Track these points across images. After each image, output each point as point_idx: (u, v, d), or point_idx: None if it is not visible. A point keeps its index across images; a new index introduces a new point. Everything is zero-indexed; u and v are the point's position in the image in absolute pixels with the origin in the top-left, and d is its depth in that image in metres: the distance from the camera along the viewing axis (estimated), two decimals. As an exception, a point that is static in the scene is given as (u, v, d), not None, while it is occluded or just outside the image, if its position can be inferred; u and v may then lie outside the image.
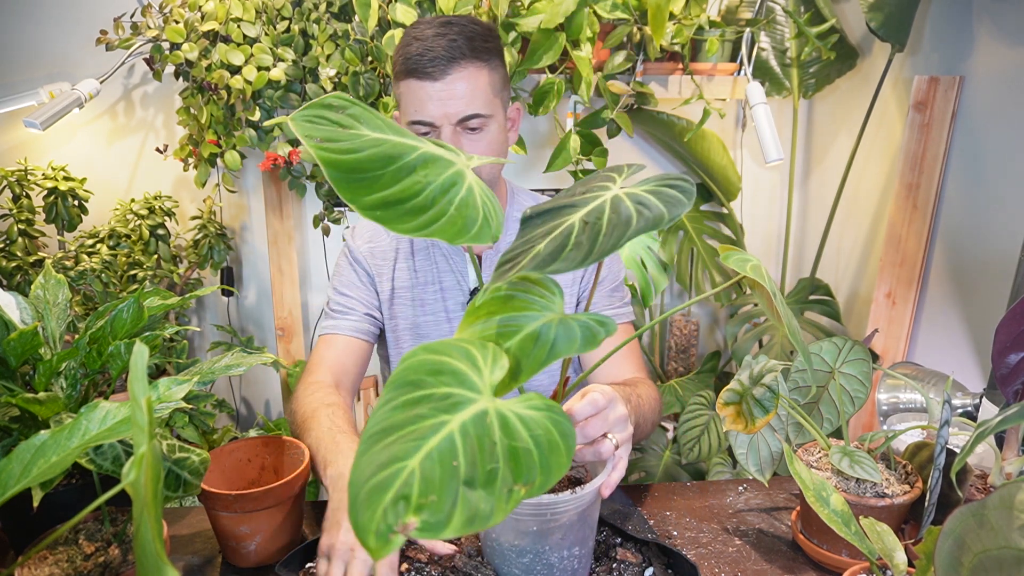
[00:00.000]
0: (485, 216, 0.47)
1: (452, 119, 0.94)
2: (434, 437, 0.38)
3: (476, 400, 0.41)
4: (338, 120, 0.48)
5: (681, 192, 0.49)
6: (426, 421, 0.39)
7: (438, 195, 0.46)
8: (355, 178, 0.45)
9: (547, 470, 0.38)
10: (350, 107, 0.49)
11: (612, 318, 0.48)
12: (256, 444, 0.87)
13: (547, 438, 0.40)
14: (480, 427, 0.39)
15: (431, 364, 0.43)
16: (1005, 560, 0.40)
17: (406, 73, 0.94)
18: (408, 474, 0.36)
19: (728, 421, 0.78)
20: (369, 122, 0.49)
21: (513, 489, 0.37)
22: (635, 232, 0.44)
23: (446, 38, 0.92)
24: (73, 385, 0.76)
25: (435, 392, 0.41)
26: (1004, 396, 0.69)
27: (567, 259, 0.43)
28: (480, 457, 0.38)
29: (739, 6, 1.73)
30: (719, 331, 2.09)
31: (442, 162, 0.49)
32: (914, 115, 1.55)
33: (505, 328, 0.48)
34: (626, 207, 0.47)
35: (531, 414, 0.42)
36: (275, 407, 2.08)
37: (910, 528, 0.82)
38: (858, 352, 0.87)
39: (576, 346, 0.46)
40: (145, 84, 1.81)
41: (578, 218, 0.48)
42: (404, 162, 0.47)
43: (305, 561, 0.78)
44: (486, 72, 0.96)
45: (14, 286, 1.56)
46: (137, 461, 0.38)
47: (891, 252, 1.64)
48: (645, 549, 0.78)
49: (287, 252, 1.84)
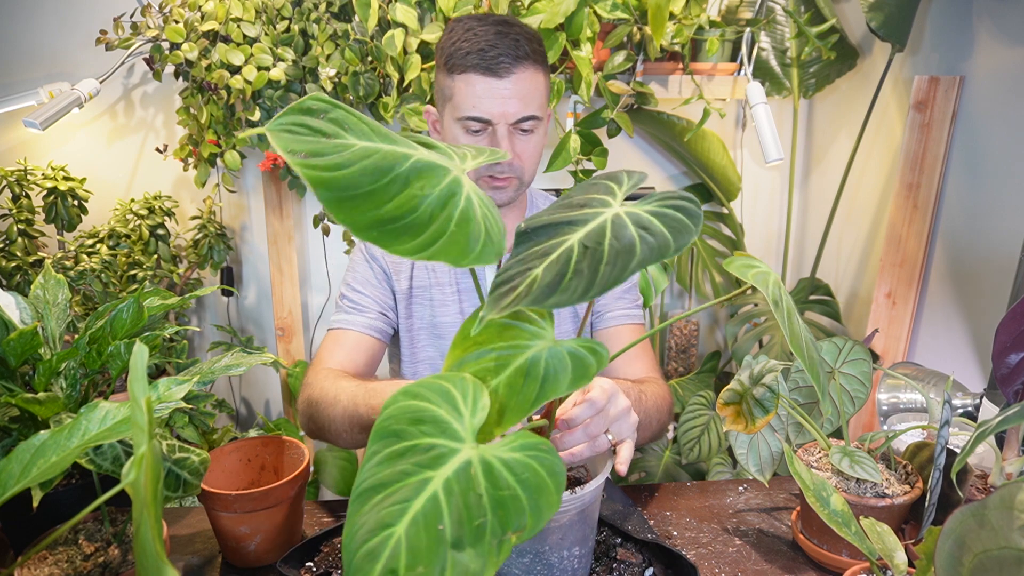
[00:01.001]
0: (487, 232, 0.44)
1: (510, 118, 0.94)
2: (418, 499, 0.38)
3: (458, 450, 0.41)
4: (320, 128, 0.43)
5: (688, 216, 0.45)
6: (410, 479, 0.39)
7: (436, 209, 0.43)
8: (347, 196, 0.41)
9: (537, 512, 0.38)
10: (331, 110, 0.45)
11: (600, 344, 0.48)
12: (256, 444, 0.87)
13: (535, 480, 0.40)
14: (464, 481, 0.39)
15: (412, 411, 0.42)
16: (1005, 560, 0.40)
17: (466, 67, 0.93)
18: (395, 543, 0.36)
19: (728, 421, 0.78)
20: (354, 127, 0.45)
21: (503, 540, 0.37)
22: (639, 264, 0.41)
23: (509, 37, 0.92)
24: (73, 385, 0.76)
25: (418, 444, 0.41)
26: (1004, 396, 0.69)
27: (567, 290, 0.40)
28: (466, 514, 0.37)
29: (739, 6, 1.73)
30: (719, 331, 2.09)
31: (438, 170, 0.45)
32: (914, 115, 1.55)
33: (495, 362, 0.47)
34: (628, 233, 0.44)
35: (516, 457, 0.41)
36: (275, 407, 2.08)
37: (910, 528, 0.82)
38: (858, 352, 0.87)
39: (567, 382, 0.44)
40: (145, 84, 1.81)
41: (577, 240, 0.44)
42: (397, 173, 0.43)
43: (306, 559, 0.78)
44: (542, 76, 0.97)
45: (14, 286, 1.56)
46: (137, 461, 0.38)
47: (891, 252, 1.64)
48: (645, 549, 0.78)
49: (287, 252, 1.84)
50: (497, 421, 0.44)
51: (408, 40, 1.50)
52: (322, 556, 0.78)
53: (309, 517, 0.89)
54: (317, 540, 0.80)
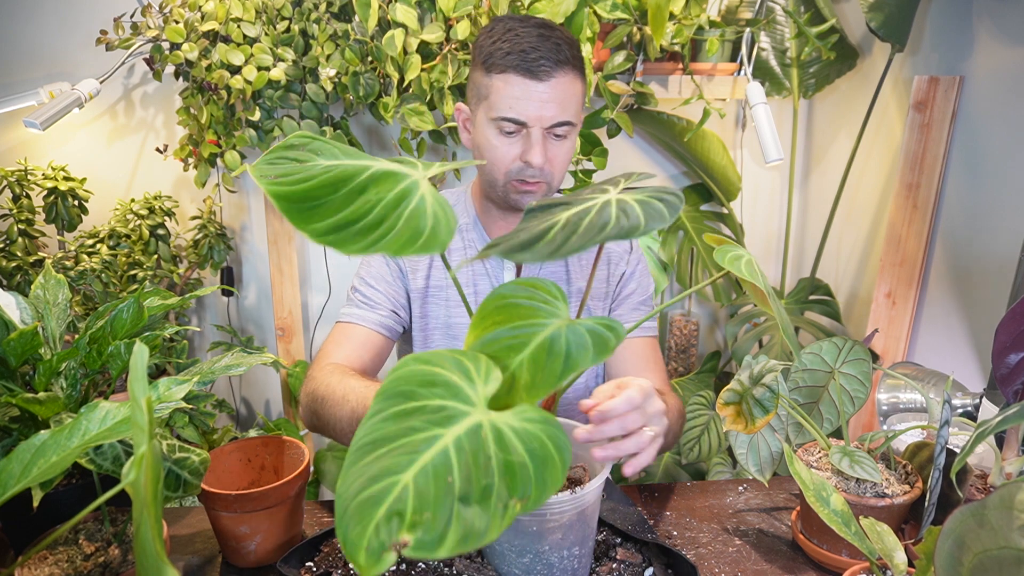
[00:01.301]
0: (434, 226, 0.46)
1: (546, 122, 0.94)
2: (428, 451, 0.37)
3: (470, 413, 0.41)
4: (296, 156, 0.48)
5: (666, 206, 0.49)
6: (419, 434, 0.38)
7: (389, 210, 0.45)
8: (305, 207, 0.44)
9: (542, 484, 0.38)
10: (311, 143, 0.50)
11: (616, 321, 0.48)
12: (256, 444, 0.87)
13: (542, 452, 0.40)
14: (475, 441, 0.39)
15: (423, 375, 0.42)
16: (1005, 560, 0.40)
17: (506, 67, 0.92)
18: (401, 489, 0.35)
19: (728, 421, 0.78)
20: (326, 152, 0.49)
21: (508, 504, 0.37)
22: (605, 237, 0.45)
23: (551, 40, 0.92)
24: (73, 385, 0.76)
25: (428, 404, 0.41)
26: (1004, 396, 0.69)
27: (536, 251, 0.44)
28: (475, 472, 0.37)
29: (739, 6, 1.73)
30: (719, 331, 2.09)
31: (394, 176, 0.49)
32: (914, 115, 1.55)
33: (515, 340, 0.48)
34: (609, 212, 0.48)
35: (526, 427, 0.41)
36: (275, 407, 2.08)
37: (910, 528, 0.82)
38: (858, 352, 0.87)
39: (590, 356, 0.45)
40: (145, 84, 1.81)
41: (565, 216, 0.48)
42: (355, 183, 0.47)
43: (306, 559, 0.78)
44: (580, 82, 0.97)
45: (14, 286, 1.56)
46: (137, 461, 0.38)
47: (891, 252, 1.64)
48: (645, 549, 0.78)
49: (287, 252, 1.84)
50: (526, 395, 0.45)
51: (408, 40, 1.50)
52: (322, 556, 0.78)
53: (309, 517, 0.89)
54: (317, 540, 0.80)
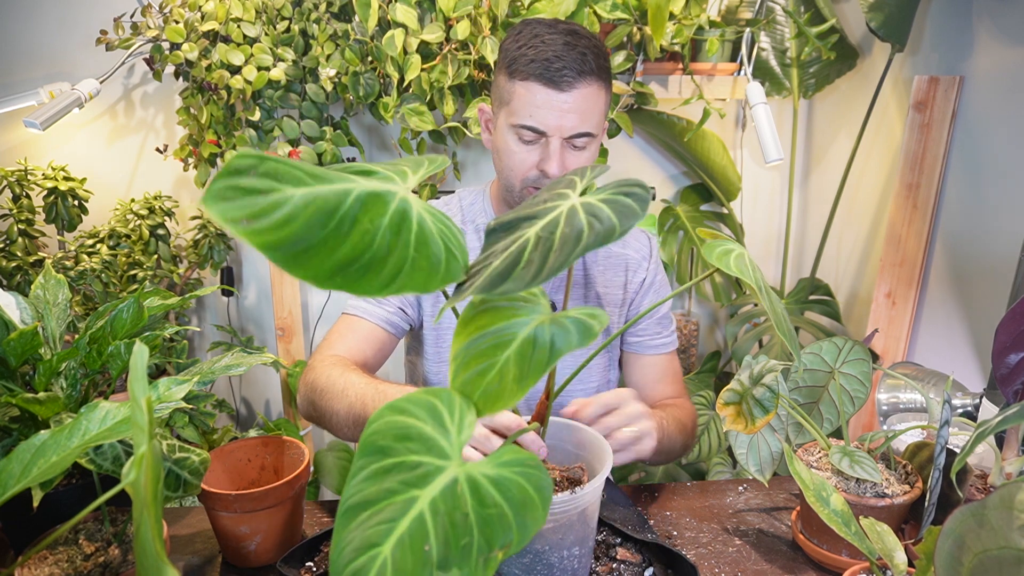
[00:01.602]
0: (448, 250, 0.43)
1: (565, 132, 0.93)
2: (405, 519, 0.38)
3: (445, 468, 0.41)
4: (254, 186, 0.39)
5: (636, 200, 0.48)
6: (397, 497, 0.39)
7: (391, 239, 0.41)
8: (300, 251, 0.38)
9: (523, 528, 0.39)
10: (260, 164, 0.40)
11: (599, 309, 0.48)
12: (256, 444, 0.87)
13: (521, 496, 0.40)
14: (450, 500, 0.39)
15: (397, 427, 0.42)
16: (1005, 560, 0.40)
17: (528, 75, 0.91)
18: (381, 564, 0.36)
19: (728, 421, 0.78)
20: (286, 177, 0.41)
21: (489, 557, 0.37)
22: (584, 248, 0.43)
23: (576, 50, 0.90)
24: (73, 385, 0.76)
25: (405, 460, 0.41)
26: (1004, 396, 0.69)
27: (517, 279, 0.42)
28: (452, 534, 0.38)
29: (739, 6, 1.73)
30: (719, 331, 2.09)
31: (382, 197, 0.43)
32: (914, 115, 1.55)
33: (499, 338, 0.48)
34: (579, 220, 0.46)
35: (502, 474, 0.42)
36: (275, 407, 2.08)
37: (910, 528, 0.82)
38: (858, 352, 0.87)
39: (574, 342, 0.45)
40: (145, 84, 1.81)
41: (533, 232, 0.46)
42: (343, 212, 0.40)
43: (306, 559, 0.78)
44: (604, 93, 0.96)
45: (14, 286, 1.56)
46: (137, 461, 0.38)
47: (891, 252, 1.64)
48: (645, 549, 0.78)
49: (287, 252, 1.84)
50: (516, 387, 0.45)
51: (408, 40, 1.50)
52: (322, 556, 0.79)
53: (309, 517, 0.89)
54: (317, 540, 0.80)
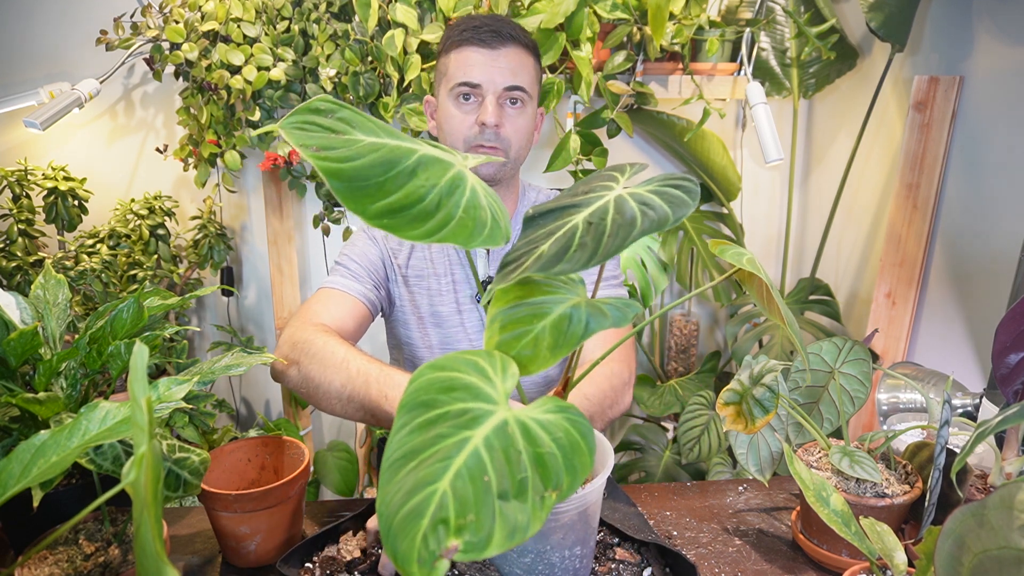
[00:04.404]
0: (494, 218, 0.46)
1: (499, 86, 1.01)
2: (460, 455, 0.37)
3: (494, 412, 0.41)
4: (329, 125, 0.46)
5: (685, 192, 0.48)
6: (448, 440, 0.38)
7: (444, 198, 0.45)
8: (358, 187, 0.43)
9: (573, 471, 0.38)
10: (339, 110, 0.47)
11: (631, 299, 0.49)
12: (256, 444, 0.87)
13: (568, 440, 0.40)
14: (504, 438, 0.39)
15: (441, 381, 0.42)
16: (1005, 560, 0.40)
17: (460, 43, 1.02)
18: (441, 496, 0.35)
19: (728, 421, 0.78)
20: (361, 125, 0.48)
21: (544, 495, 0.37)
22: (640, 233, 0.43)
23: (503, 22, 1.03)
24: (73, 385, 0.76)
25: (451, 409, 0.40)
26: (1004, 396, 0.69)
27: (572, 260, 0.43)
28: (509, 468, 0.37)
29: (739, 6, 1.73)
30: (719, 331, 2.09)
31: (441, 164, 0.48)
32: (914, 115, 1.55)
33: (537, 309, 0.49)
34: (630, 207, 0.47)
35: (549, 418, 0.42)
36: (275, 407, 2.08)
37: (910, 528, 0.82)
38: (858, 352, 0.87)
39: (608, 323, 0.46)
40: (145, 84, 1.81)
41: (582, 218, 0.47)
42: (404, 166, 0.46)
43: (306, 559, 0.78)
44: (532, 62, 1.05)
45: (14, 286, 1.56)
46: (137, 461, 0.38)
47: (891, 252, 1.64)
48: (644, 549, 0.78)
49: (287, 252, 1.84)
50: (549, 354, 0.46)
51: (408, 40, 1.50)
52: (322, 556, 0.78)
53: (309, 517, 0.89)
54: (317, 540, 0.80)
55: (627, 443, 1.96)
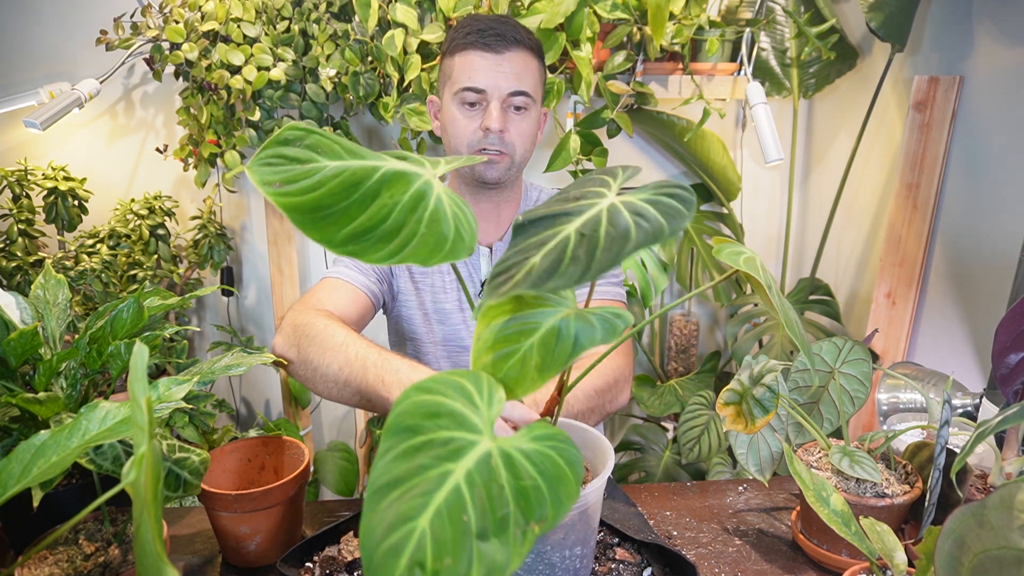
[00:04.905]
0: (457, 230, 0.44)
1: (503, 91, 1.01)
2: (440, 491, 0.37)
3: (477, 442, 0.40)
4: (295, 155, 0.44)
5: (681, 203, 0.47)
6: (430, 472, 0.38)
7: (407, 215, 0.44)
8: (320, 216, 0.42)
9: (558, 503, 0.38)
10: (307, 137, 0.46)
11: (623, 309, 0.49)
12: (256, 444, 0.87)
13: (554, 470, 0.40)
14: (486, 472, 0.38)
15: (427, 406, 0.42)
16: (1005, 560, 0.40)
17: (464, 46, 1.01)
18: (419, 536, 0.34)
19: (728, 421, 0.78)
20: (327, 150, 0.46)
21: (526, 530, 0.36)
22: (634, 247, 0.42)
23: (508, 24, 1.02)
24: (73, 385, 0.76)
25: (435, 437, 0.40)
26: (1004, 396, 0.69)
27: (564, 275, 0.41)
28: (490, 505, 0.37)
29: (739, 6, 1.73)
30: (719, 331, 2.09)
31: (407, 177, 0.46)
32: (914, 115, 1.55)
33: (524, 326, 0.48)
34: (624, 219, 0.45)
35: (535, 447, 0.41)
36: (275, 407, 2.08)
37: (910, 528, 0.82)
38: (858, 352, 0.87)
39: (598, 338, 0.45)
40: (145, 84, 1.81)
41: (574, 229, 0.45)
42: (367, 187, 0.44)
43: (306, 559, 0.78)
44: (536, 64, 1.05)
45: (14, 286, 1.56)
46: (137, 461, 0.38)
47: (891, 252, 1.64)
48: (644, 549, 0.78)
49: (287, 252, 1.84)
50: (537, 375, 0.45)
51: (408, 40, 1.50)
52: (322, 556, 0.78)
53: (309, 517, 0.89)
54: (317, 540, 0.80)
55: (627, 443, 1.96)
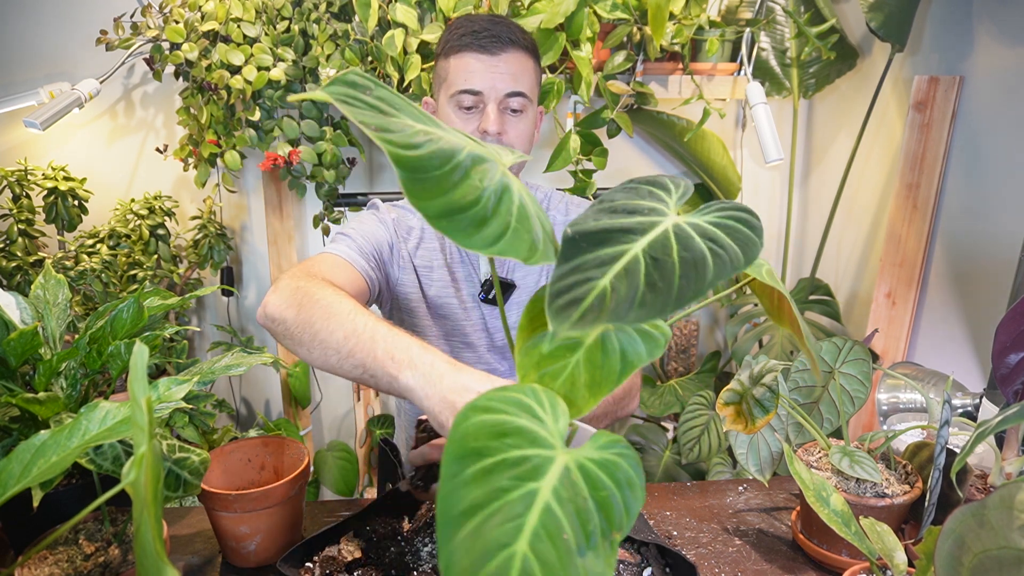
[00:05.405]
0: (545, 231, 0.43)
1: (499, 93, 1.00)
2: (531, 512, 0.34)
3: (554, 458, 0.38)
4: (373, 104, 0.41)
5: (751, 230, 0.43)
6: (511, 493, 0.35)
7: (495, 203, 0.41)
8: (420, 179, 0.39)
9: (629, 508, 0.37)
10: (375, 88, 0.43)
11: (660, 322, 0.47)
12: (256, 444, 0.87)
13: (625, 477, 0.39)
14: (570, 487, 0.37)
15: (491, 426, 0.39)
16: (1005, 560, 0.40)
17: (460, 48, 1.00)
18: (522, 561, 0.32)
19: (728, 421, 0.78)
20: (404, 109, 0.43)
21: (612, 541, 0.35)
22: (713, 279, 0.38)
23: (502, 25, 1.01)
24: (73, 385, 0.76)
25: (507, 457, 0.37)
26: (1004, 396, 0.69)
27: (647, 306, 0.37)
28: (579, 520, 0.35)
29: (739, 6, 1.73)
30: (719, 331, 2.09)
31: (490, 163, 0.44)
32: (914, 115, 1.55)
33: (566, 339, 0.45)
34: (697, 244, 0.41)
35: (604, 456, 0.40)
36: (275, 407, 2.08)
37: (910, 528, 0.82)
38: (858, 352, 0.87)
39: (643, 354, 0.43)
40: (145, 84, 1.81)
41: (641, 250, 0.41)
42: (457, 161, 0.41)
43: (306, 559, 0.78)
44: (532, 64, 1.05)
45: (14, 286, 1.56)
46: (137, 461, 0.38)
47: (891, 252, 1.64)
48: (644, 549, 0.78)
49: (287, 252, 1.84)
50: (588, 393, 0.43)
51: (408, 40, 1.50)
52: (322, 556, 0.78)
53: (309, 517, 0.89)
54: (317, 540, 0.80)
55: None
